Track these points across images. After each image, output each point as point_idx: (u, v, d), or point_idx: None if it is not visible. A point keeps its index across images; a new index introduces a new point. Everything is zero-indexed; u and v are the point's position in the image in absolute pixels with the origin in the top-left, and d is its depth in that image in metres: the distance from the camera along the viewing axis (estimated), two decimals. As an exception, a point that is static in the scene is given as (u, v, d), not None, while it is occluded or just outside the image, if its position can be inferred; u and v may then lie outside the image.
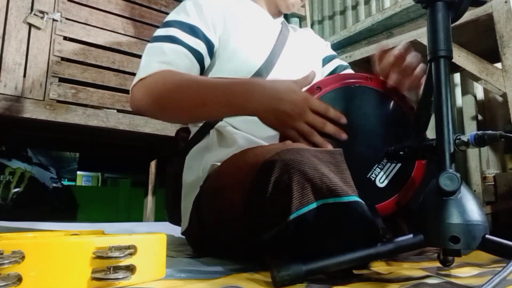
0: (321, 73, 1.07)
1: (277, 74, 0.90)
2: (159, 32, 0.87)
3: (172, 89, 0.77)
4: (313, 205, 0.52)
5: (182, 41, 0.84)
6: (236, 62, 0.88)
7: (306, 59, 1.01)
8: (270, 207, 0.56)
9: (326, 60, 1.10)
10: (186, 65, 0.83)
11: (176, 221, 0.98)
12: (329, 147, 0.65)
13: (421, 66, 0.75)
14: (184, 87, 0.77)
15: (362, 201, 0.54)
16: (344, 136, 0.67)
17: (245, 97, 0.71)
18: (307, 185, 0.53)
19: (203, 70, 0.89)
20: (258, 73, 0.88)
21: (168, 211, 1.06)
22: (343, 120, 0.68)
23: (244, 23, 0.92)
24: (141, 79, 0.81)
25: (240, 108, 0.72)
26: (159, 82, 0.79)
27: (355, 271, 0.58)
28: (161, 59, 0.81)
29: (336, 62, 1.11)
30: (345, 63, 1.13)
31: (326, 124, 0.67)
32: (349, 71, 1.10)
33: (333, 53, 1.15)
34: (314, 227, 0.52)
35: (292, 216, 0.52)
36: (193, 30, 0.86)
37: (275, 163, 0.56)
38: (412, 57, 0.74)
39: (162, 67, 0.80)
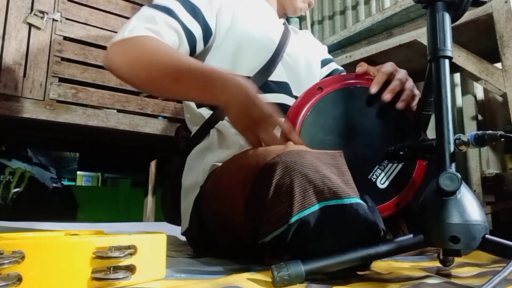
0: (319, 74, 1.08)
1: (278, 74, 0.90)
2: (160, 0, 0.83)
3: (151, 54, 0.74)
4: (315, 208, 0.52)
5: (178, 17, 0.81)
6: (242, 57, 0.88)
7: (306, 61, 1.01)
8: (271, 209, 0.56)
9: (323, 63, 1.12)
10: (174, 41, 0.80)
11: (175, 220, 0.98)
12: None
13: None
14: (163, 56, 0.73)
15: (364, 203, 0.54)
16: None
17: (221, 86, 0.69)
18: (309, 187, 0.53)
19: (192, 54, 0.86)
20: (262, 71, 0.88)
21: (165, 211, 1.06)
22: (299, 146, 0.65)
23: (252, 22, 0.92)
24: (123, 39, 0.76)
25: (212, 95, 0.70)
26: (139, 45, 0.76)
27: (355, 271, 0.58)
28: (150, 27, 0.78)
29: (333, 66, 1.13)
30: (341, 68, 1.14)
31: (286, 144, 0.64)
32: None
33: (330, 57, 1.17)
34: (316, 229, 0.52)
35: (293, 219, 0.52)
36: (194, 10, 0.83)
37: (276, 165, 0.56)
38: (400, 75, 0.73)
39: (147, 33, 0.77)
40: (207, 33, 0.86)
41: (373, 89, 0.71)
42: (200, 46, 0.87)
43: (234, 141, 0.81)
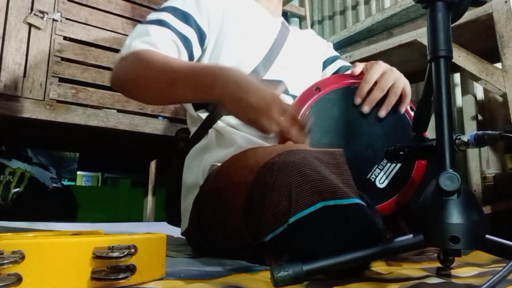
0: (320, 75, 1.07)
1: (274, 73, 0.90)
2: (151, 16, 0.86)
3: (147, 65, 0.76)
4: (314, 208, 0.52)
5: (171, 25, 0.82)
6: (233, 59, 0.88)
7: (304, 60, 1.01)
8: (271, 209, 0.56)
9: (329, 61, 1.10)
10: (171, 49, 0.82)
11: (175, 221, 0.98)
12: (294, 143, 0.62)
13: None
14: (156, 66, 0.75)
15: (363, 203, 0.54)
16: (305, 142, 0.64)
17: (211, 82, 0.68)
18: (308, 187, 0.53)
19: (192, 59, 0.87)
20: (255, 72, 0.87)
21: (167, 212, 1.06)
22: (306, 129, 0.65)
23: (243, 21, 0.92)
24: (122, 58, 0.80)
25: (205, 91, 0.70)
26: (136, 59, 0.78)
27: (355, 271, 0.58)
28: (145, 39, 0.80)
29: (340, 63, 1.10)
30: (348, 64, 1.12)
31: (291, 127, 0.63)
32: None
33: (336, 53, 1.14)
34: (315, 229, 0.52)
35: (292, 219, 0.53)
36: (185, 17, 0.85)
37: (275, 165, 0.56)
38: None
39: (143, 47, 0.79)
40: (202, 37, 0.87)
41: (357, 100, 0.73)
42: (197, 50, 0.87)
43: (232, 140, 0.81)
